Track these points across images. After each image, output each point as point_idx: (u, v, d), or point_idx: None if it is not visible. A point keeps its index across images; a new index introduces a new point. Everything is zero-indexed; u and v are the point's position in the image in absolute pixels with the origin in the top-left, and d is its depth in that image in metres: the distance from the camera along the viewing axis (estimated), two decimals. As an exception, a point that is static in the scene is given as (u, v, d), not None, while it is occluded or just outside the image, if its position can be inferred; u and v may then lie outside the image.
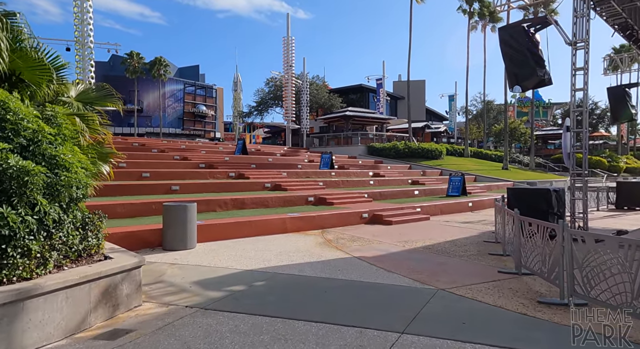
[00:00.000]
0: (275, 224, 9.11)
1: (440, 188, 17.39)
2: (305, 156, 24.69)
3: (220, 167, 16.03)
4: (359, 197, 13.50)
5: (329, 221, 10.17)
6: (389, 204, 12.70)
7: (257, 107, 56.11)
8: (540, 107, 70.43)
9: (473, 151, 35.31)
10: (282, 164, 19.52)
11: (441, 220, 11.93)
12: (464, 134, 52.17)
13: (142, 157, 16.07)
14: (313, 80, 53.44)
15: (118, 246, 4.95)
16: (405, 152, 28.29)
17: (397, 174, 22.12)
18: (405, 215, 11.67)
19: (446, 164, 28.08)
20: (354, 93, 59.62)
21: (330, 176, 18.27)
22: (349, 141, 32.23)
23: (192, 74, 72.41)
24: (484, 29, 38.06)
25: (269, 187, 13.80)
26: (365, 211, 11.11)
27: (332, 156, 21.13)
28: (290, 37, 35.78)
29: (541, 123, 64.85)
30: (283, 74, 36.57)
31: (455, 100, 47.63)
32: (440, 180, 21.50)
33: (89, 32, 25.47)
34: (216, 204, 10.26)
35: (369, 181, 17.67)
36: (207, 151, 20.84)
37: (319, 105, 51.72)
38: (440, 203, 13.54)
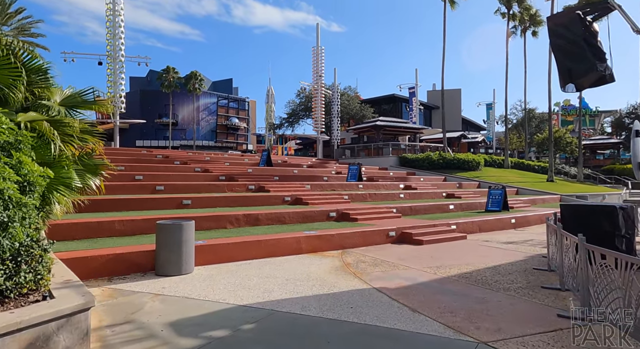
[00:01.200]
0: (288, 244, 8.09)
1: (479, 202, 15.86)
2: (333, 168, 23.68)
3: (241, 180, 15.29)
4: (387, 213, 12.29)
5: (350, 240, 9.05)
6: (420, 221, 11.42)
7: (288, 118, 55.97)
8: (587, 116, 66.43)
9: (514, 162, 33.11)
10: (307, 176, 18.59)
11: (480, 239, 10.52)
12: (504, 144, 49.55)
13: (162, 170, 15.58)
14: (344, 91, 52.70)
15: (77, 279, 4.07)
16: (440, 164, 26.71)
17: (430, 186, 20.67)
18: (439, 233, 10.37)
19: (484, 176, 26.27)
20: (386, 103, 58.35)
21: (357, 189, 17.13)
22: (380, 152, 30.97)
23: (225, 88, 73.49)
24: (523, 33, 36.01)
25: (288, 201, 12.85)
26: (393, 228, 9.91)
27: (361, 167, 20.01)
28: (320, 47, 35.21)
29: (588, 132, 60.94)
30: (312, 84, 35.93)
31: (493, 108, 45.31)
32: (478, 193, 19.87)
33: (120, 46, 25.81)
34: (227, 220, 9.38)
35: (399, 194, 16.40)
36: (231, 163, 20.25)
37: (350, 116, 50.78)
38: (478, 219, 12.10)
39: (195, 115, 62.43)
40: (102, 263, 5.97)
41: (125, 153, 19.52)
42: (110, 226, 7.78)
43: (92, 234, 7.53)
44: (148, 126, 64.40)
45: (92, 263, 5.92)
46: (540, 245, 9.53)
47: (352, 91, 55.79)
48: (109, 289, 5.39)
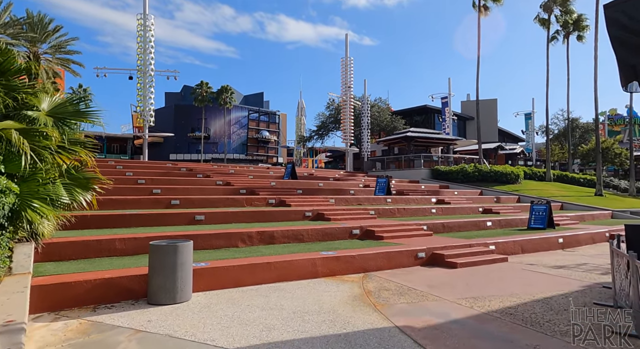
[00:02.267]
0: (303, 267, 7.22)
1: (519, 218, 14.43)
2: (361, 181, 22.71)
3: (262, 193, 14.62)
4: (416, 230, 11.21)
5: (373, 262, 8.07)
6: (453, 240, 10.27)
7: (317, 131, 55.52)
8: (637, 125, 62.39)
9: (556, 175, 30.95)
10: (332, 190, 17.73)
11: (523, 262, 9.26)
12: (544, 156, 46.88)
13: (182, 183, 15.17)
14: (375, 103, 51.79)
15: (24, 319, 3.37)
16: (476, 176, 25.18)
17: (465, 201, 19.30)
18: (475, 255, 9.20)
19: (524, 190, 24.50)
20: (418, 115, 56.95)
21: (385, 203, 16.08)
22: (411, 164, 29.71)
23: (256, 101, 74.31)
24: (566, 38, 34.07)
25: (309, 216, 12.01)
26: (422, 248, 8.85)
27: (390, 180, 18.95)
28: (349, 57, 34.64)
29: (638, 143, 57.00)
30: (341, 95, 35.30)
31: (532, 118, 42.97)
32: (518, 208, 18.33)
33: (150, 61, 26.14)
34: (239, 238, 8.63)
35: (430, 209, 15.23)
36: (255, 176, 19.71)
37: (380, 128, 49.73)
38: (520, 238, 10.80)
39: (226, 128, 63.19)
40: (87, 289, 5.31)
41: (150, 166, 19.38)
42: (110, 245, 7.19)
43: (89, 254, 6.95)
44: (181, 139, 65.87)
45: (76, 289, 5.27)
46: (597, 271, 8.20)
47: (382, 102, 54.81)
48: (87, 323, 4.70)
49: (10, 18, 24.33)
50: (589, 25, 33.74)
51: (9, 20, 24.31)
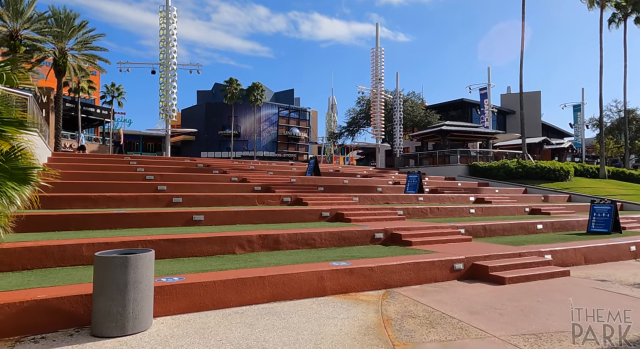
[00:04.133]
0: (306, 282, 5.74)
1: (576, 220, 12.32)
2: (391, 178, 20.98)
3: (279, 191, 13.26)
4: (452, 234, 9.47)
5: (397, 276, 6.48)
6: (498, 247, 8.47)
7: (347, 127, 53.83)
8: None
9: (611, 171, 27.86)
10: (358, 187, 16.15)
11: (590, 277, 7.37)
12: (595, 151, 43.04)
13: (194, 180, 14.07)
14: (408, 97, 49.51)
15: None
16: (519, 173, 22.81)
17: (508, 199, 17.19)
18: (527, 267, 7.40)
19: (576, 188, 21.92)
20: (454, 109, 54.15)
21: (416, 202, 14.33)
22: (446, 160, 27.58)
23: (287, 98, 73.49)
24: (624, 20, 30.71)
25: (327, 217, 10.50)
26: (460, 258, 7.15)
27: (423, 176, 17.14)
28: (380, 48, 32.76)
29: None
30: (371, 88, 33.50)
31: (582, 110, 39.39)
32: (570, 208, 16.07)
33: (172, 55, 25.40)
34: (236, 243, 7.26)
35: (468, 208, 13.35)
36: (275, 172, 18.41)
37: (414, 123, 47.42)
38: (583, 246, 8.83)
39: (256, 126, 62.64)
40: (10, 314, 4.05)
41: (166, 162, 18.50)
42: (76, 252, 5.98)
43: (48, 263, 5.77)
44: (212, 137, 66.04)
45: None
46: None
47: (416, 97, 52.38)
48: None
49: (35, 14, 24.24)
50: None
51: (34, 16, 24.21)
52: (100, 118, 49.53)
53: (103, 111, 49.55)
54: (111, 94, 48.79)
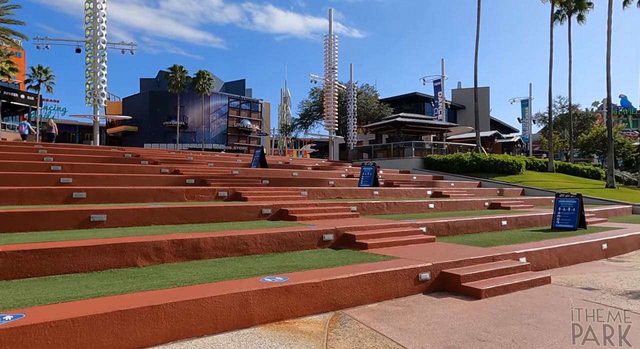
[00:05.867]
0: (223, 309, 4.09)
1: (538, 215, 11.52)
2: (344, 171, 19.66)
3: (215, 184, 11.43)
4: (413, 233, 8.16)
5: (349, 292, 4.99)
6: (466, 248, 7.24)
7: (301, 119, 52.20)
8: (630, 116, 60.57)
9: (559, 165, 28.33)
10: (308, 180, 14.62)
11: (573, 284, 6.28)
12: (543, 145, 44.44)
13: (114, 171, 11.89)
14: (361, 90, 48.61)
15: None
16: (473, 166, 22.31)
17: (465, 193, 16.39)
18: (504, 274, 6.18)
19: (528, 181, 21.75)
20: (407, 103, 54.08)
21: (371, 197, 13.05)
22: (401, 153, 26.76)
23: (238, 89, 70.47)
24: (568, 17, 31.29)
25: (268, 214, 8.86)
26: (426, 266, 5.79)
27: (377, 169, 15.92)
28: (333, 36, 31.34)
29: (632, 134, 55.14)
30: (324, 77, 32.05)
31: (529, 105, 40.35)
32: (527, 202, 15.49)
33: (101, 31, 22.49)
34: (139, 253, 5.46)
35: (427, 203, 12.22)
36: (216, 164, 16.47)
37: (368, 116, 46.58)
38: (557, 246, 7.82)
39: (205, 117, 59.36)
40: None
41: (86, 152, 15.97)
42: None
43: None
44: (157, 128, 61.87)
45: None
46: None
47: (370, 89, 51.64)
48: None
49: None
50: (592, 2, 31.06)
51: None
52: (26, 104, 44.41)
53: (29, 96, 44.45)
54: (37, 77, 43.81)
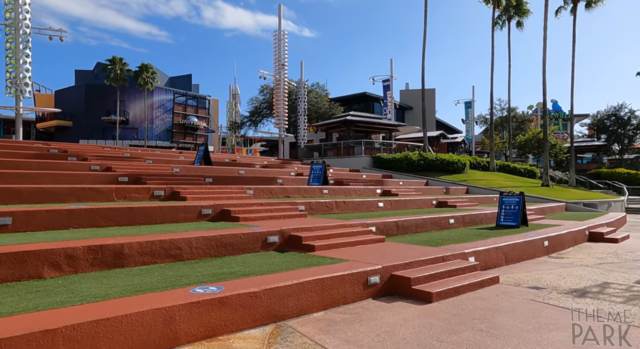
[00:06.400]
0: (142, 328, 3.45)
1: (483, 213, 11.71)
2: (293, 169, 19.17)
3: (151, 182, 10.51)
4: (363, 233, 7.84)
5: (293, 301, 4.51)
6: (416, 249, 7.02)
7: (250, 117, 51.07)
8: (560, 119, 65.06)
9: (499, 165, 29.65)
10: (255, 178, 13.98)
11: (521, 283, 6.22)
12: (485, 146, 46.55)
13: (33, 167, 10.60)
14: (312, 88, 48.40)
15: None
16: (421, 165, 22.68)
17: (413, 191, 16.49)
18: (454, 274, 5.99)
19: (472, 180, 22.45)
20: (357, 102, 54.59)
21: (320, 195, 12.67)
22: (351, 151, 26.72)
23: (184, 84, 67.68)
24: (508, 22, 32.83)
25: (208, 215, 8.17)
26: (376, 268, 5.45)
27: (327, 167, 15.59)
28: (283, 31, 30.72)
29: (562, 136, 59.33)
30: (274, 74, 31.35)
31: (472, 107, 42.13)
32: (472, 200, 15.83)
33: (24, 14, 20.34)
34: (46, 262, 4.65)
35: (376, 202, 12.03)
36: (156, 161, 15.36)
37: (318, 115, 46.45)
38: (503, 244, 7.81)
39: (148, 112, 56.35)
40: None
41: (3, 146, 14.26)
42: None
43: None
44: (94, 124, 57.88)
45: None
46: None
47: (320, 88, 51.55)
48: None
49: None
50: (530, 10, 32.80)
51: None
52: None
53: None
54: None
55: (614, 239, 10.93)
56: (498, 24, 33.45)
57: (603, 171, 36.00)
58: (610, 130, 42.59)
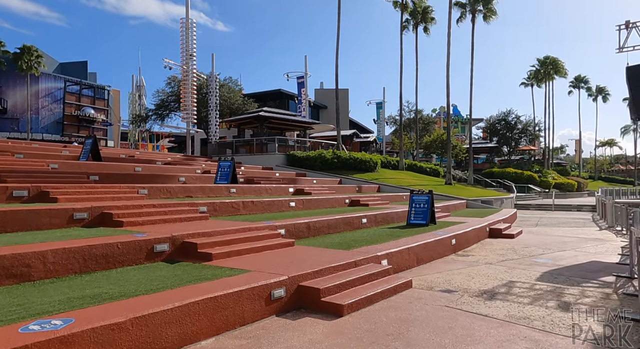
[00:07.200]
0: None
1: (394, 212, 11.66)
2: (200, 166, 17.71)
3: (13, 180, 8.61)
4: (270, 237, 7.07)
5: (175, 329, 3.59)
6: (327, 253, 6.45)
7: (156, 110, 47.35)
8: (460, 123, 70.68)
9: (407, 164, 30.96)
10: (154, 176, 12.46)
11: (433, 286, 5.95)
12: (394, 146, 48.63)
13: None
14: (225, 82, 46.36)
15: None
16: (335, 163, 22.59)
17: (327, 190, 16.15)
18: (366, 281, 5.50)
19: (383, 178, 22.94)
20: (272, 99, 53.55)
21: (228, 195, 11.65)
22: (264, 149, 25.80)
23: (78, 72, 60.70)
24: (415, 28, 34.42)
25: (83, 220, 6.77)
26: (281, 280, 4.72)
27: (238, 165, 14.54)
28: (191, 19, 28.67)
29: (461, 138, 64.52)
30: (181, 64, 29.14)
31: (383, 108, 43.73)
32: (383, 198, 15.95)
33: None
34: None
35: (288, 201, 11.36)
36: (30, 155, 13.00)
37: (231, 110, 44.58)
38: (415, 244, 7.59)
39: (32, 102, 49.44)
40: None
41: None
42: None
43: None
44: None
45: None
46: (551, 299, 5.26)
47: (234, 83, 49.60)
48: None
49: None
50: (435, 18, 34.74)
51: None
52: None
53: None
54: None
55: (511, 234, 11.56)
56: (407, 28, 34.91)
57: (495, 171, 39.67)
58: (501, 133, 47.21)
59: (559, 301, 5.21)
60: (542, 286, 5.98)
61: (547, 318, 4.53)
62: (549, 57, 52.45)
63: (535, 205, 27.13)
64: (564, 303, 5.10)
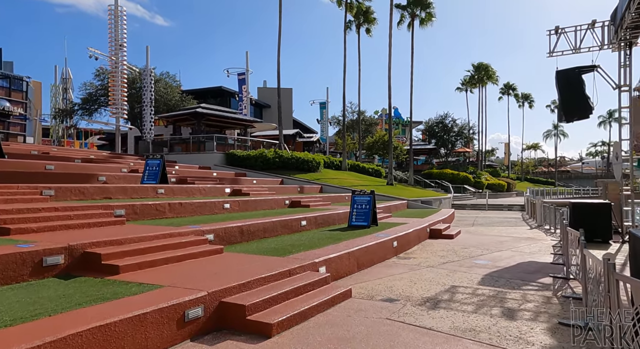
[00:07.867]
0: None
1: (336, 213, 11.21)
2: (128, 164, 16.18)
3: None
4: (195, 243, 6.25)
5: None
6: (259, 259, 5.76)
7: (83, 105, 43.63)
8: (400, 125, 72.66)
9: (351, 164, 30.92)
10: (68, 175, 11.00)
11: (374, 295, 5.48)
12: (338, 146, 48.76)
13: None
14: (161, 77, 43.81)
15: None
16: (276, 163, 21.85)
17: (267, 191, 15.39)
18: (300, 292, 4.89)
19: (325, 178, 22.56)
20: (213, 97, 51.55)
21: (154, 196, 10.55)
22: (202, 147, 24.47)
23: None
24: (358, 29, 34.57)
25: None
26: (198, 296, 3.97)
27: (173, 165, 13.36)
28: (120, 7, 26.55)
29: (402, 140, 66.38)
30: (109, 55, 26.89)
31: (327, 108, 43.61)
32: (325, 199, 15.52)
33: None
34: None
35: (222, 203, 10.49)
36: None
37: (168, 107, 42.07)
38: (355, 248, 7.11)
39: None
40: None
41: None
42: None
43: None
44: None
45: None
46: (494, 306, 4.96)
47: (171, 78, 47.02)
48: None
49: None
50: (376, 19, 35.07)
51: None
52: None
53: None
54: None
55: (450, 235, 11.56)
56: (350, 29, 34.95)
57: (434, 172, 41.00)
58: (438, 136, 49.02)
59: (503, 307, 4.95)
60: (485, 291, 5.73)
61: (493, 328, 4.19)
62: (482, 63, 55.40)
63: (471, 205, 28.20)
64: (508, 310, 4.83)
